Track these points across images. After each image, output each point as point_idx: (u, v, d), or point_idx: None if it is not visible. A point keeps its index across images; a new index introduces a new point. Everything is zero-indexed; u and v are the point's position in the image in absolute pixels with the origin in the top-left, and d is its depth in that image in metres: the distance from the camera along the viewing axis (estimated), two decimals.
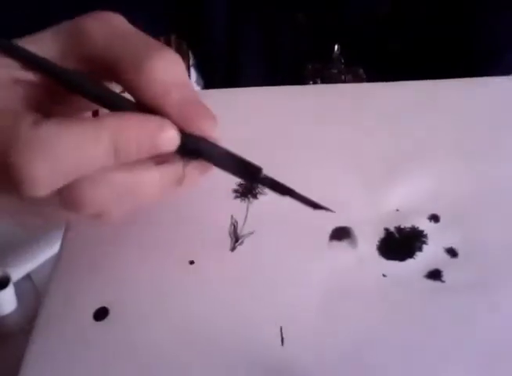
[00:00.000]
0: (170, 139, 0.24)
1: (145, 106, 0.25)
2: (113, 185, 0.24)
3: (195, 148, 0.25)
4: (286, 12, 0.51)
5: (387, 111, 0.38)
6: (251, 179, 0.27)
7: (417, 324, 0.28)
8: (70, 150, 0.22)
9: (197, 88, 0.64)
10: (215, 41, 0.54)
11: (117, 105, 0.25)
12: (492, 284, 0.29)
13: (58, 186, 0.23)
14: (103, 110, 0.26)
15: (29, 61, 0.25)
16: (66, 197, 0.24)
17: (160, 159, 0.25)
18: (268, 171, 0.30)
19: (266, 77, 0.40)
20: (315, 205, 0.28)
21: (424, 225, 0.32)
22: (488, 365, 0.26)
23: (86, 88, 0.25)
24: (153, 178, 0.25)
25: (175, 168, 0.25)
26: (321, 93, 0.40)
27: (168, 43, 1.78)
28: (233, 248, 0.31)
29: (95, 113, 0.29)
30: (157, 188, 0.25)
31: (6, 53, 0.25)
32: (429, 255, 0.30)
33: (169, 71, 0.25)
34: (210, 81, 0.59)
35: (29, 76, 0.25)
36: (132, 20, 0.51)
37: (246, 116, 0.38)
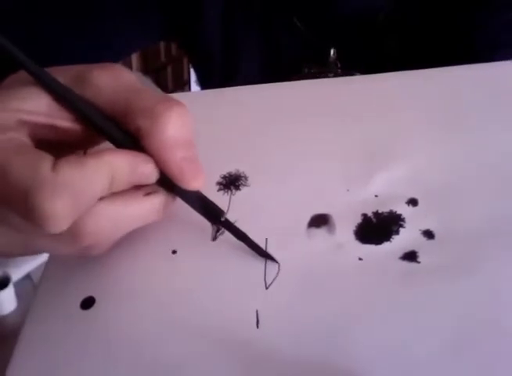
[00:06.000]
0: (150, 172, 0.27)
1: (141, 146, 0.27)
2: (112, 216, 0.27)
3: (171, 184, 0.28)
4: (282, 15, 0.51)
5: (367, 101, 0.38)
6: (213, 221, 0.30)
7: (392, 306, 0.28)
8: (83, 187, 0.25)
9: (197, 88, 0.64)
10: (212, 44, 0.54)
11: (117, 139, 0.28)
12: (467, 265, 0.29)
13: (73, 220, 0.25)
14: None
15: (50, 87, 0.27)
16: (71, 229, 0.26)
17: (147, 192, 0.28)
18: (256, 163, 0.33)
19: (263, 81, 0.41)
20: (264, 254, 0.30)
21: (402, 209, 0.32)
22: (461, 345, 0.26)
23: (95, 118, 0.28)
24: (143, 208, 0.28)
25: (160, 198, 0.29)
26: (304, 87, 0.41)
27: (169, 48, 1.79)
28: (215, 238, 0.31)
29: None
30: (145, 216, 0.29)
31: (29, 73, 0.27)
32: (405, 238, 0.30)
33: (181, 128, 0.27)
34: (208, 83, 0.60)
35: (34, 118, 0.27)
36: (129, 27, 0.51)
37: (243, 115, 0.38)
